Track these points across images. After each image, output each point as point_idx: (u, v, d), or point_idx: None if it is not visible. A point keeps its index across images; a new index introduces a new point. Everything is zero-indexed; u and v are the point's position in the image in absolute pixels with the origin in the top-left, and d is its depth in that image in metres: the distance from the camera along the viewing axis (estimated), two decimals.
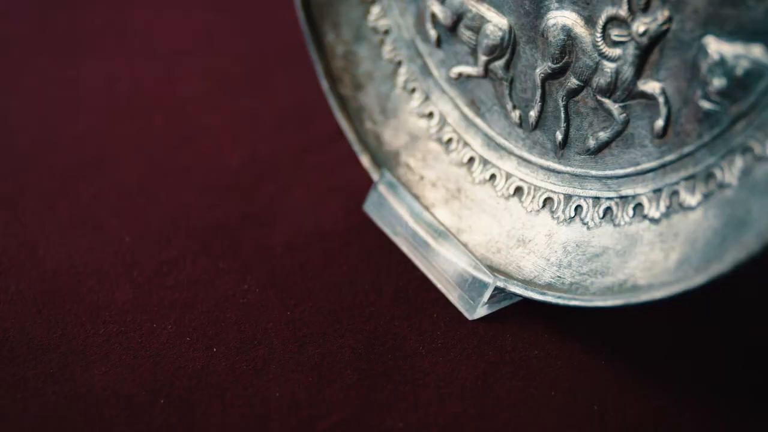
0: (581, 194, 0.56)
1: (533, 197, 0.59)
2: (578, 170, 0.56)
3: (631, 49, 0.50)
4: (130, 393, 0.53)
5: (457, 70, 0.62)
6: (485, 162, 0.62)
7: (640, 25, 0.50)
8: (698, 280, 0.46)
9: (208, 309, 0.59)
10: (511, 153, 0.60)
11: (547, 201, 0.58)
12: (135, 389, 0.54)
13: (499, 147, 0.61)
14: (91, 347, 0.56)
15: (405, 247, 0.62)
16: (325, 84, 0.66)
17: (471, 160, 0.63)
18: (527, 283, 0.56)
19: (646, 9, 0.49)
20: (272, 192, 0.68)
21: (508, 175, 0.60)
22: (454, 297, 0.59)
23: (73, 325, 0.58)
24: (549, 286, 0.55)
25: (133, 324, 0.58)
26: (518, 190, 0.60)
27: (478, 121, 0.62)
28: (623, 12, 0.50)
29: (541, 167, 0.58)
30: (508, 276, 0.57)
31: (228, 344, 0.57)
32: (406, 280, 0.61)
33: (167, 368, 0.55)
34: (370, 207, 0.65)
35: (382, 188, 0.64)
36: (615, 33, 0.51)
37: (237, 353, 0.56)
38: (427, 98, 0.65)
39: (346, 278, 0.61)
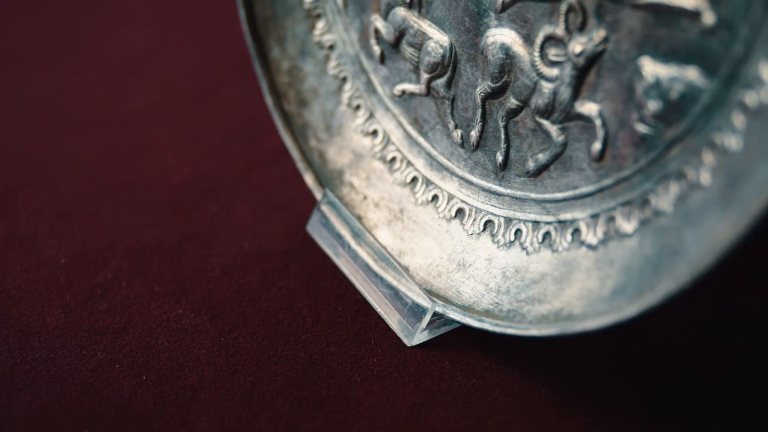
0: (521, 218, 0.54)
1: (474, 220, 0.57)
2: (518, 193, 0.54)
3: (568, 70, 0.49)
4: (54, 424, 0.52)
5: (400, 87, 0.60)
6: (428, 182, 0.60)
7: (576, 45, 0.48)
8: (630, 311, 0.45)
9: (140, 334, 0.57)
10: (453, 174, 0.59)
11: (488, 224, 0.56)
12: (59, 419, 0.52)
13: (441, 167, 0.59)
14: (17, 374, 0.55)
15: (346, 270, 0.61)
16: (269, 100, 0.64)
17: (414, 180, 0.61)
18: (466, 309, 0.54)
19: (582, 28, 0.48)
20: (214, 211, 0.67)
21: (450, 197, 0.59)
22: (393, 322, 0.57)
23: (1, 351, 0.56)
24: (487, 313, 0.53)
25: (62, 350, 0.56)
26: (460, 212, 0.58)
27: (421, 140, 0.60)
28: (560, 31, 0.49)
29: (483, 189, 0.57)
30: (448, 301, 0.55)
31: (158, 372, 0.55)
32: (346, 303, 0.59)
33: (94, 397, 0.53)
34: (313, 227, 0.64)
35: (324, 208, 0.63)
36: (553, 52, 0.49)
37: (167, 381, 0.54)
38: (371, 116, 0.63)
39: (284, 302, 0.59)
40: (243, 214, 0.67)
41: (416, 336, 0.56)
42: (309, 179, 0.64)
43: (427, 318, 0.55)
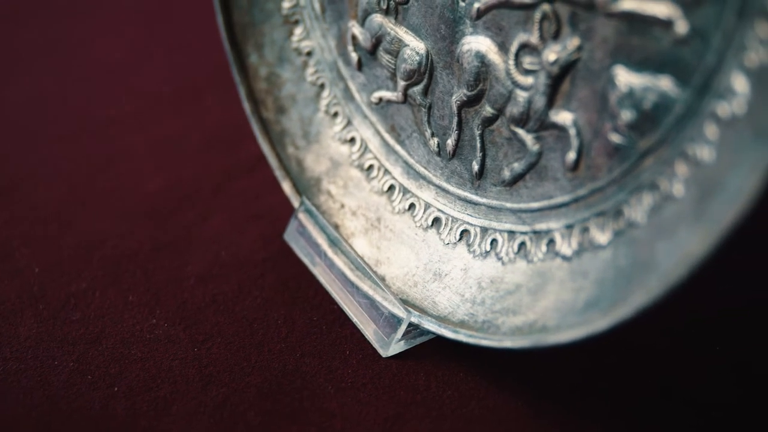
0: (497, 228, 0.54)
1: (450, 229, 0.56)
2: (494, 202, 0.54)
3: (542, 78, 0.48)
4: None
5: (377, 94, 0.60)
6: (405, 191, 0.59)
7: (550, 54, 0.47)
8: (602, 323, 0.44)
9: (112, 345, 0.56)
10: (430, 182, 0.58)
11: (464, 233, 0.56)
12: None
13: (418, 176, 0.59)
14: None
15: (323, 279, 0.60)
16: (247, 107, 0.64)
17: (391, 188, 0.60)
18: (441, 319, 0.54)
19: (556, 37, 0.47)
20: (190, 219, 0.66)
21: (427, 205, 0.58)
22: (369, 332, 0.57)
23: None
24: (462, 324, 0.53)
25: (34, 360, 0.55)
26: (436, 221, 0.57)
27: (398, 148, 0.60)
28: (534, 39, 0.48)
29: (459, 198, 0.56)
30: (423, 311, 0.55)
31: (130, 383, 0.54)
32: (321, 313, 0.58)
33: (64, 409, 0.53)
34: (290, 236, 0.63)
35: (302, 216, 0.62)
36: (527, 61, 0.49)
37: (138, 393, 0.54)
38: (349, 123, 0.62)
39: (259, 311, 0.59)
40: (220, 222, 0.66)
41: (392, 347, 0.55)
42: (287, 187, 0.63)
43: (402, 329, 0.55)
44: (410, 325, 0.55)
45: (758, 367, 0.54)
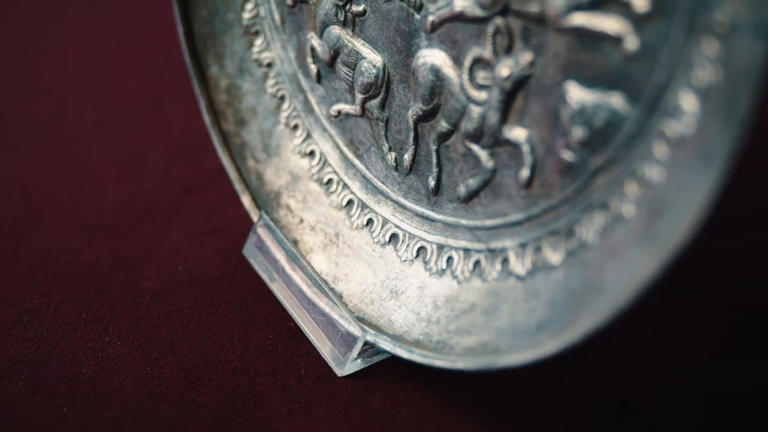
0: (453, 245, 0.53)
1: (408, 246, 0.55)
2: (450, 219, 0.53)
3: (496, 94, 0.47)
4: None
5: (336, 107, 0.59)
6: (363, 206, 0.58)
7: (503, 68, 0.46)
8: (551, 347, 0.43)
9: (63, 363, 0.55)
10: (388, 197, 0.57)
11: (421, 250, 0.55)
12: None
13: (376, 190, 0.58)
14: None
15: (281, 295, 0.59)
16: (208, 119, 0.63)
17: (350, 203, 0.59)
18: (397, 338, 0.53)
19: (509, 51, 0.46)
20: (149, 233, 0.65)
21: (385, 221, 0.57)
22: (325, 351, 0.55)
23: None
24: (417, 343, 0.52)
25: None
26: (394, 238, 0.56)
27: (357, 162, 0.59)
28: (488, 54, 0.47)
29: (416, 214, 0.55)
30: (379, 330, 0.54)
31: (80, 403, 0.53)
32: (277, 331, 0.57)
33: (11, 431, 0.51)
34: (248, 251, 0.62)
35: (261, 231, 0.61)
36: (481, 75, 0.48)
37: (88, 413, 0.52)
38: (309, 136, 0.61)
39: (214, 329, 0.57)
40: (179, 236, 0.65)
41: (347, 365, 0.54)
42: (246, 201, 0.62)
43: (357, 347, 0.54)
44: (366, 343, 0.54)
45: (713, 385, 0.53)
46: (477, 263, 0.51)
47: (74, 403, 0.53)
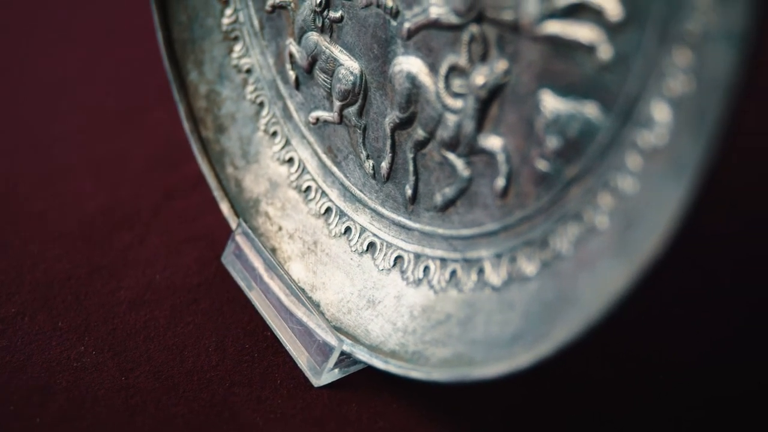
0: (430, 254, 0.52)
1: (385, 255, 0.55)
2: (427, 228, 0.52)
3: (471, 102, 0.47)
4: None
5: (314, 114, 0.58)
6: (342, 214, 0.58)
7: (478, 77, 0.46)
8: (524, 359, 0.42)
9: (38, 373, 0.55)
10: (366, 206, 0.56)
11: (398, 260, 0.54)
12: None
13: (354, 198, 0.57)
14: None
15: (258, 304, 0.58)
16: (187, 126, 0.62)
17: (328, 210, 0.59)
18: (373, 348, 0.52)
19: (484, 59, 0.45)
20: (127, 241, 0.64)
21: (363, 230, 0.57)
22: (302, 360, 0.55)
23: None
24: (393, 354, 0.51)
25: None
26: (371, 246, 0.56)
27: (335, 169, 0.58)
28: (463, 61, 0.46)
29: (393, 222, 0.55)
30: (356, 340, 0.53)
31: (53, 413, 0.52)
32: (254, 341, 0.57)
33: None
34: (227, 259, 0.62)
35: (239, 239, 0.60)
36: (457, 84, 0.47)
37: (61, 423, 0.52)
38: (287, 143, 0.61)
39: (190, 338, 0.57)
40: (157, 244, 0.64)
41: (323, 375, 0.54)
42: (225, 208, 0.62)
43: (333, 358, 0.53)
44: (343, 353, 0.53)
45: (690, 394, 0.52)
46: (453, 273, 0.50)
47: (48, 413, 0.52)
